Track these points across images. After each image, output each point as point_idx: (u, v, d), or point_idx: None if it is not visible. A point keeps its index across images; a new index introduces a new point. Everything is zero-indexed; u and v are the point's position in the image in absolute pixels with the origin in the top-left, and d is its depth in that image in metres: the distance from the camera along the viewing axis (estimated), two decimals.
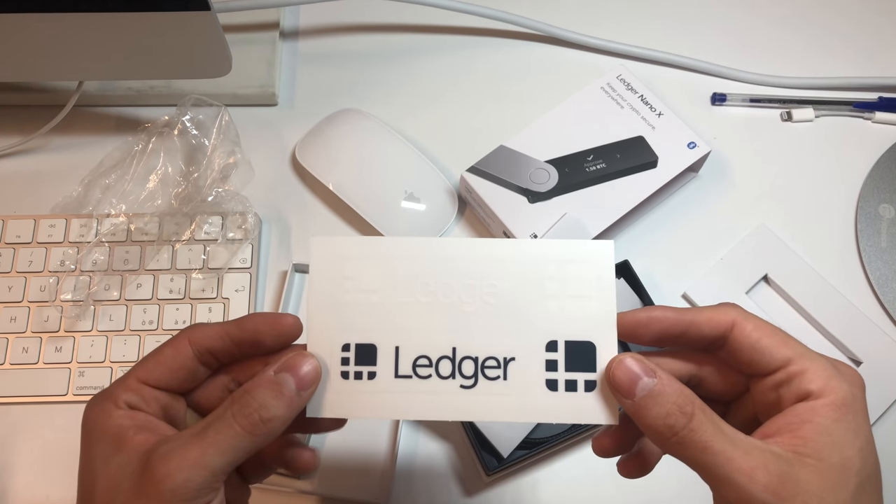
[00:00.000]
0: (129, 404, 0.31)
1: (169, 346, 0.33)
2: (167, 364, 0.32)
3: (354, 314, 0.33)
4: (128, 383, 0.32)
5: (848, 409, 0.30)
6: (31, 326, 0.54)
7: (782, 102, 0.62)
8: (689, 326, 0.32)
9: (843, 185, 0.60)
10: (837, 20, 0.66)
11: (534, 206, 0.55)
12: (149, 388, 0.32)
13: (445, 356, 0.33)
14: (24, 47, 0.51)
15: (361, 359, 0.33)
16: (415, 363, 0.33)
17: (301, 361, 0.31)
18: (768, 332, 0.32)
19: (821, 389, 0.30)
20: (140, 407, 0.32)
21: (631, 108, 0.58)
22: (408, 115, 0.62)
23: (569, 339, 0.32)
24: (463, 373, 0.33)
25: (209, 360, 0.33)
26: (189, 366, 0.33)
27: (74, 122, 0.60)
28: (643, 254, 0.57)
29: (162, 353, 0.33)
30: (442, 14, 0.64)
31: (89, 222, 0.56)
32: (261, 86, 0.61)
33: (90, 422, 0.32)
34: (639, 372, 0.30)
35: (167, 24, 0.49)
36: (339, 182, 0.57)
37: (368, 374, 0.32)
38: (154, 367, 0.32)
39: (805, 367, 0.31)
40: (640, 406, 0.30)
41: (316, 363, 0.32)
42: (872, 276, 0.56)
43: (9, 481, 0.51)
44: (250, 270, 0.55)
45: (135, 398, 0.32)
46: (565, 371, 0.32)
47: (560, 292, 0.33)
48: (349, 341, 0.33)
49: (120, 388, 0.32)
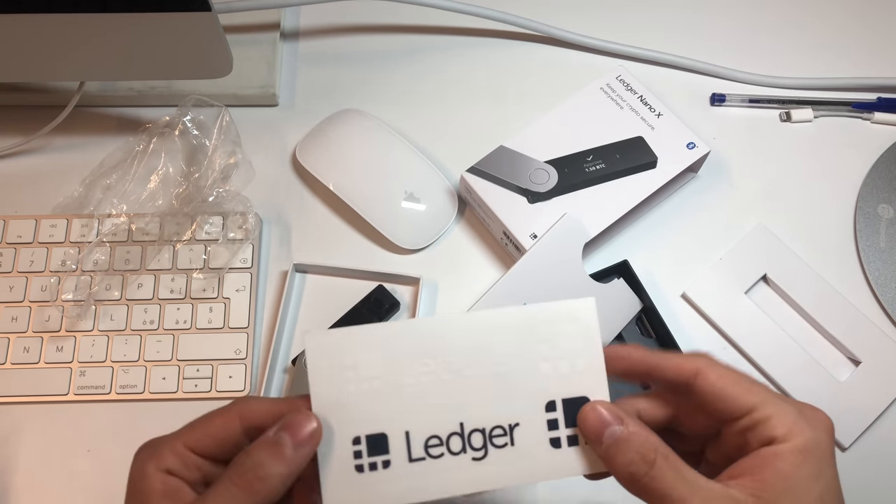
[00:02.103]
0: (169, 469, 0.32)
1: (219, 417, 0.33)
2: (215, 435, 0.33)
3: (360, 404, 0.33)
4: (175, 446, 0.32)
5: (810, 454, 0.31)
6: (33, 326, 0.54)
7: (781, 103, 0.62)
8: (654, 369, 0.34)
9: (841, 186, 0.60)
10: (836, 20, 0.66)
11: (533, 206, 0.55)
12: (194, 455, 0.33)
13: (455, 432, 0.33)
14: (26, 48, 0.51)
15: (373, 449, 0.33)
16: (426, 444, 0.33)
17: (300, 420, 0.32)
18: (732, 381, 0.33)
19: (784, 435, 0.31)
20: (180, 473, 0.32)
21: (630, 109, 0.58)
22: (408, 115, 0.62)
23: (565, 398, 0.34)
24: (473, 445, 0.33)
25: (256, 434, 0.33)
26: (236, 440, 0.33)
27: (75, 122, 0.60)
28: (643, 254, 0.57)
29: (212, 424, 0.33)
30: (442, 14, 0.65)
31: (90, 222, 0.56)
32: (261, 86, 0.61)
33: (133, 474, 0.32)
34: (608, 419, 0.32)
35: (168, 24, 0.49)
36: (340, 182, 0.57)
37: (383, 464, 0.33)
38: (202, 436, 0.33)
39: (769, 412, 0.32)
40: (606, 453, 0.32)
41: (314, 421, 0.32)
42: (871, 275, 0.56)
43: (9, 481, 0.51)
44: (251, 270, 0.56)
45: (177, 464, 0.32)
46: (566, 427, 0.34)
47: (552, 354, 0.34)
48: (359, 434, 0.33)
49: (167, 450, 0.32)
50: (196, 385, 0.53)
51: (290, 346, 0.55)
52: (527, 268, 0.53)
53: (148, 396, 0.52)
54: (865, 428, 0.52)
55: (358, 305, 0.55)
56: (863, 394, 0.52)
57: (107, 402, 0.53)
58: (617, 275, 0.55)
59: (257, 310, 0.55)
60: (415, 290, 0.56)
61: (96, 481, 0.51)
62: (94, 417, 0.52)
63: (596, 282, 0.53)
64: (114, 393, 0.52)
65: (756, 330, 0.54)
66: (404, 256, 0.57)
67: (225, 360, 0.53)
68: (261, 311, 0.55)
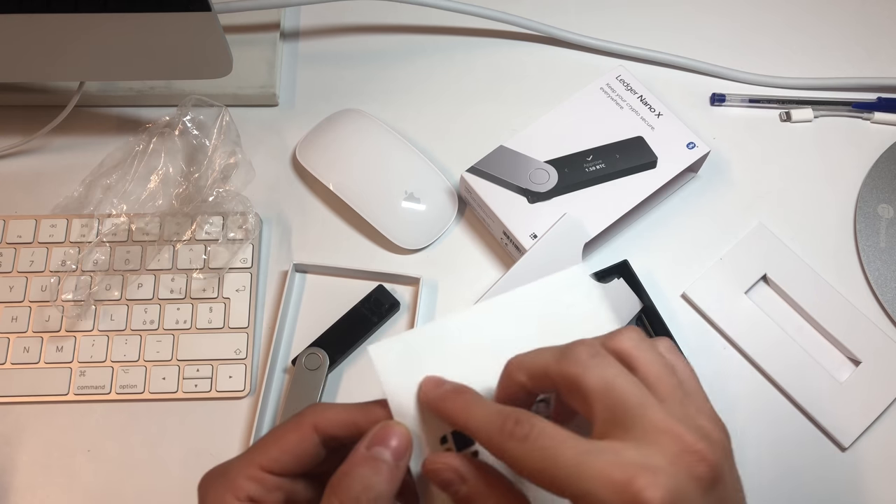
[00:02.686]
0: (250, 497, 0.30)
1: (293, 432, 0.32)
2: (292, 451, 0.31)
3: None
4: (249, 471, 0.31)
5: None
6: (33, 326, 0.54)
7: (781, 103, 0.62)
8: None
9: (841, 186, 0.60)
10: (836, 20, 0.66)
11: (533, 206, 0.55)
12: (272, 476, 0.31)
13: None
14: (26, 48, 0.51)
15: (461, 444, 0.33)
16: None
17: (389, 432, 0.31)
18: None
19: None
20: (262, 499, 0.30)
21: (630, 109, 0.58)
22: (408, 115, 0.62)
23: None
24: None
25: (334, 444, 0.32)
26: (314, 452, 0.32)
27: (75, 122, 0.60)
28: (643, 254, 0.57)
29: (286, 440, 0.31)
30: (442, 14, 0.65)
31: (90, 222, 0.56)
32: (261, 86, 0.61)
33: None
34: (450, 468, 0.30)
35: (168, 24, 0.49)
36: (340, 182, 0.57)
37: (473, 455, 0.32)
38: (278, 454, 0.31)
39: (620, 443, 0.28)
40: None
41: (405, 430, 0.31)
42: (871, 275, 0.56)
43: (9, 481, 0.51)
44: (251, 270, 0.56)
45: (257, 490, 0.30)
46: None
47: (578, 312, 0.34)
48: (444, 433, 0.33)
49: (242, 477, 0.30)
50: (196, 385, 0.53)
51: (290, 346, 0.55)
52: (527, 268, 0.53)
53: (148, 396, 0.52)
54: (865, 428, 0.52)
55: (358, 305, 0.55)
56: (863, 394, 0.52)
57: (107, 402, 0.53)
58: (617, 275, 0.55)
59: (257, 310, 0.55)
60: (415, 290, 0.56)
61: (96, 481, 0.51)
62: (94, 417, 0.52)
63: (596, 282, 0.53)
64: (114, 393, 0.52)
65: (756, 330, 0.54)
66: (404, 256, 0.57)
67: (225, 360, 0.53)
68: (261, 311, 0.55)
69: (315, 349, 0.53)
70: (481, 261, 0.58)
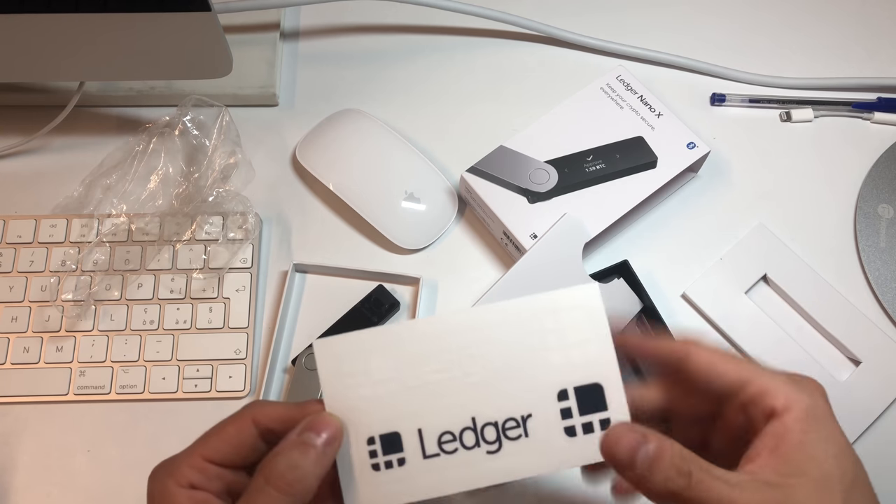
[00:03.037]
0: (191, 483, 0.32)
1: (232, 425, 0.33)
2: (231, 442, 0.33)
3: (371, 406, 0.34)
4: (192, 461, 0.32)
5: (814, 419, 0.31)
6: (32, 326, 0.54)
7: (781, 103, 0.62)
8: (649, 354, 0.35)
9: (841, 186, 0.60)
10: (836, 20, 0.66)
11: (534, 206, 0.55)
12: (213, 465, 0.33)
13: (467, 427, 0.34)
14: (26, 48, 0.51)
15: (388, 448, 0.34)
16: (440, 440, 0.34)
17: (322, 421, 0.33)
18: (721, 358, 0.33)
19: (784, 405, 0.31)
20: (203, 486, 0.32)
21: (630, 109, 0.58)
22: (408, 115, 0.62)
23: (577, 385, 0.34)
24: (486, 439, 0.34)
25: (272, 437, 0.34)
26: (252, 444, 0.33)
27: (75, 122, 0.60)
28: (643, 254, 0.57)
29: (225, 432, 0.33)
30: (442, 14, 0.65)
31: (90, 222, 0.56)
32: (261, 86, 0.61)
33: (156, 496, 0.32)
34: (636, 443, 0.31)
35: (168, 24, 0.49)
36: (340, 182, 0.57)
37: (398, 462, 0.34)
38: (218, 445, 0.33)
39: (764, 385, 0.32)
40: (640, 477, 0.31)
41: (337, 421, 0.33)
42: (871, 275, 0.56)
43: (9, 481, 0.51)
44: (251, 270, 0.56)
45: (198, 477, 0.32)
46: (580, 415, 0.34)
47: (560, 342, 0.34)
48: (372, 434, 0.34)
49: (185, 466, 0.32)
50: (196, 385, 0.53)
51: (290, 346, 0.55)
52: (527, 268, 0.53)
53: (148, 396, 0.52)
54: (865, 428, 0.52)
55: (358, 305, 0.55)
56: (863, 394, 0.52)
57: (107, 402, 0.53)
58: (617, 275, 0.55)
59: (257, 310, 0.55)
60: (415, 290, 0.56)
61: (96, 481, 0.51)
62: (94, 417, 0.52)
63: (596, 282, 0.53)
64: (114, 393, 0.52)
65: (756, 330, 0.54)
66: (404, 256, 0.57)
67: (225, 360, 0.53)
68: (261, 311, 0.55)
69: None
70: (481, 261, 0.58)
